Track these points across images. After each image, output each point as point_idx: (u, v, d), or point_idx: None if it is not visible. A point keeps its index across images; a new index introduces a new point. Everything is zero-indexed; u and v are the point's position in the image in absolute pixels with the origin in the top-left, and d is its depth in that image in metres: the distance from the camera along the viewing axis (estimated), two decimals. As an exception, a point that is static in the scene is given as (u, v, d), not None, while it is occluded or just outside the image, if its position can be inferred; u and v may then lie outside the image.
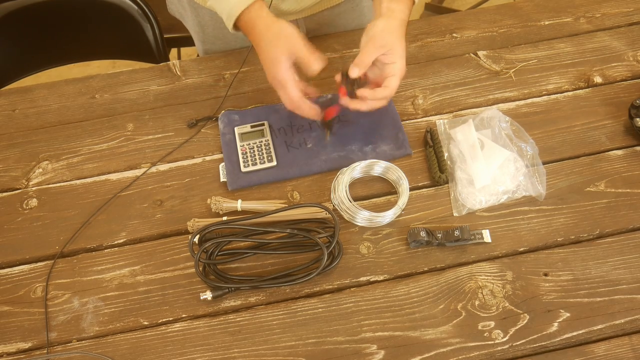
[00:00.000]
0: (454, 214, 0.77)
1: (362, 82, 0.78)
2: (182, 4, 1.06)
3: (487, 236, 0.74)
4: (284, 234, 0.72)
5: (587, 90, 0.91)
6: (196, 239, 0.72)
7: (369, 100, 0.77)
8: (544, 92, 0.91)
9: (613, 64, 0.94)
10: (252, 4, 0.77)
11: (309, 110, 0.79)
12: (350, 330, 0.68)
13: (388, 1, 0.79)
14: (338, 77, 0.79)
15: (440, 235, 0.73)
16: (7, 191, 0.84)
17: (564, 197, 0.78)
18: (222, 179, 0.83)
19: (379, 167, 0.81)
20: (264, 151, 0.84)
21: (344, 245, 0.75)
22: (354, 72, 0.75)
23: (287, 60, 0.77)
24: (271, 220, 0.76)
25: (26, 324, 0.71)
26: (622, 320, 0.67)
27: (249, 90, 0.94)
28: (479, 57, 0.97)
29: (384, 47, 0.75)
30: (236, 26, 0.81)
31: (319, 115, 0.80)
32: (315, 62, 0.76)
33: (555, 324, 0.67)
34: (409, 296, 0.70)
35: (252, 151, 0.84)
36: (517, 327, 0.67)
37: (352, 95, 0.77)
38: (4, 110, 0.95)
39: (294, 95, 0.77)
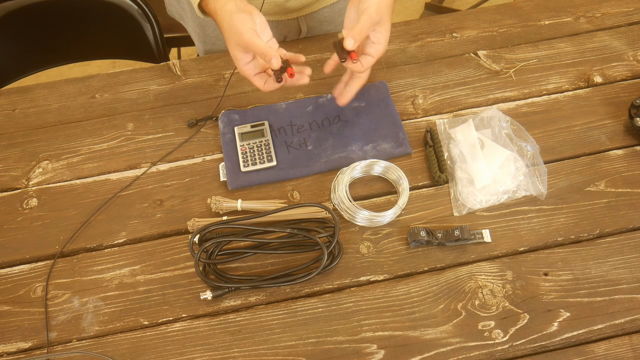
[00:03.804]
0: (454, 214, 0.77)
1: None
2: (182, 5, 1.07)
3: (487, 236, 0.74)
4: (284, 233, 0.72)
5: (587, 90, 0.91)
6: (196, 239, 0.72)
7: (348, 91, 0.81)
8: (544, 92, 0.91)
9: (613, 64, 0.94)
10: None
11: (278, 86, 0.78)
12: (350, 330, 0.68)
13: None
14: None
15: (440, 235, 0.73)
16: (7, 191, 0.84)
17: (564, 196, 0.78)
18: (222, 178, 0.83)
19: (379, 166, 0.81)
20: (264, 151, 0.84)
21: (344, 245, 0.75)
22: (350, 44, 0.74)
23: (243, 57, 0.75)
24: (271, 220, 0.76)
25: (26, 323, 0.71)
26: (622, 320, 0.67)
27: (249, 90, 0.94)
28: (479, 57, 0.97)
29: (378, 24, 0.75)
30: (205, 12, 0.81)
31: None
32: (273, 59, 0.73)
33: (555, 324, 0.67)
34: (409, 296, 0.70)
35: (252, 151, 0.84)
36: (517, 327, 0.67)
37: (343, 59, 0.77)
38: (4, 110, 0.95)
39: (259, 87, 0.78)
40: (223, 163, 0.84)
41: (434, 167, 0.81)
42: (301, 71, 0.78)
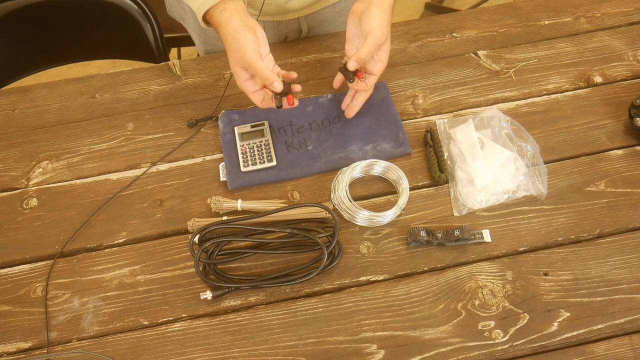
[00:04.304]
0: (454, 214, 0.77)
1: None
2: (183, 6, 1.07)
3: (487, 236, 0.74)
4: (284, 233, 0.72)
5: (587, 90, 0.91)
6: (196, 239, 0.72)
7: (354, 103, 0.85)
8: (544, 92, 0.91)
9: (613, 64, 0.94)
10: (215, 5, 0.76)
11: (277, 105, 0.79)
12: (350, 330, 0.68)
13: None
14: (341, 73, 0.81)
15: (440, 235, 0.73)
16: (7, 191, 0.84)
17: (564, 196, 0.78)
18: (222, 178, 0.83)
19: (379, 166, 0.81)
20: (264, 151, 0.84)
21: (344, 245, 0.75)
22: (352, 65, 0.77)
23: (243, 73, 0.77)
24: (271, 220, 0.76)
25: (26, 323, 0.71)
26: (622, 320, 0.67)
27: (249, 90, 0.94)
28: (479, 57, 0.97)
29: (382, 45, 0.77)
30: (208, 23, 0.81)
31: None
32: (275, 83, 0.74)
33: (555, 324, 0.67)
34: (409, 296, 0.70)
35: (252, 151, 0.84)
36: (517, 327, 0.67)
37: (351, 80, 0.79)
38: (4, 110, 0.95)
39: (257, 103, 0.79)
40: (223, 163, 0.84)
41: (434, 167, 0.81)
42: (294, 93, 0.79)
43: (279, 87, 0.75)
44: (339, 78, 0.87)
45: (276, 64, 0.80)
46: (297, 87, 0.79)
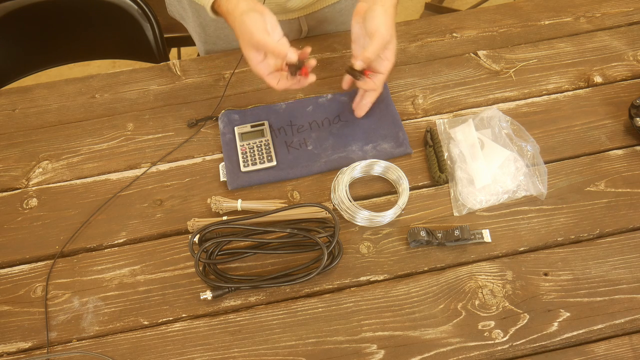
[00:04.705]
0: (454, 214, 0.77)
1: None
2: (183, 5, 1.07)
3: (487, 236, 0.74)
4: (284, 233, 0.72)
5: (587, 90, 0.91)
6: (196, 239, 0.72)
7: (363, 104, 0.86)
8: (544, 92, 0.91)
9: (613, 64, 0.94)
10: None
11: (296, 87, 0.80)
12: (350, 330, 0.68)
13: None
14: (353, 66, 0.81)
15: (440, 235, 0.73)
16: (7, 191, 0.84)
17: (564, 196, 0.78)
18: (222, 178, 0.83)
19: (379, 166, 0.81)
20: (264, 151, 0.84)
21: (344, 245, 0.75)
22: (358, 65, 0.78)
23: (255, 56, 0.77)
24: (271, 220, 0.76)
25: (26, 323, 0.71)
26: (622, 320, 0.67)
27: (249, 90, 0.94)
28: (479, 57, 0.97)
29: (388, 44, 0.78)
30: (217, 12, 0.82)
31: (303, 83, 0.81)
32: (288, 53, 0.74)
33: (555, 324, 0.67)
34: (409, 296, 0.70)
35: (252, 151, 0.84)
36: (517, 327, 0.67)
37: (359, 78, 0.80)
38: (4, 110, 0.95)
39: (272, 85, 0.79)
40: (223, 163, 0.84)
41: (434, 167, 0.81)
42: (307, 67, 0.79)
43: (293, 57, 0.75)
44: (347, 79, 0.87)
45: None
46: (312, 62, 0.79)
